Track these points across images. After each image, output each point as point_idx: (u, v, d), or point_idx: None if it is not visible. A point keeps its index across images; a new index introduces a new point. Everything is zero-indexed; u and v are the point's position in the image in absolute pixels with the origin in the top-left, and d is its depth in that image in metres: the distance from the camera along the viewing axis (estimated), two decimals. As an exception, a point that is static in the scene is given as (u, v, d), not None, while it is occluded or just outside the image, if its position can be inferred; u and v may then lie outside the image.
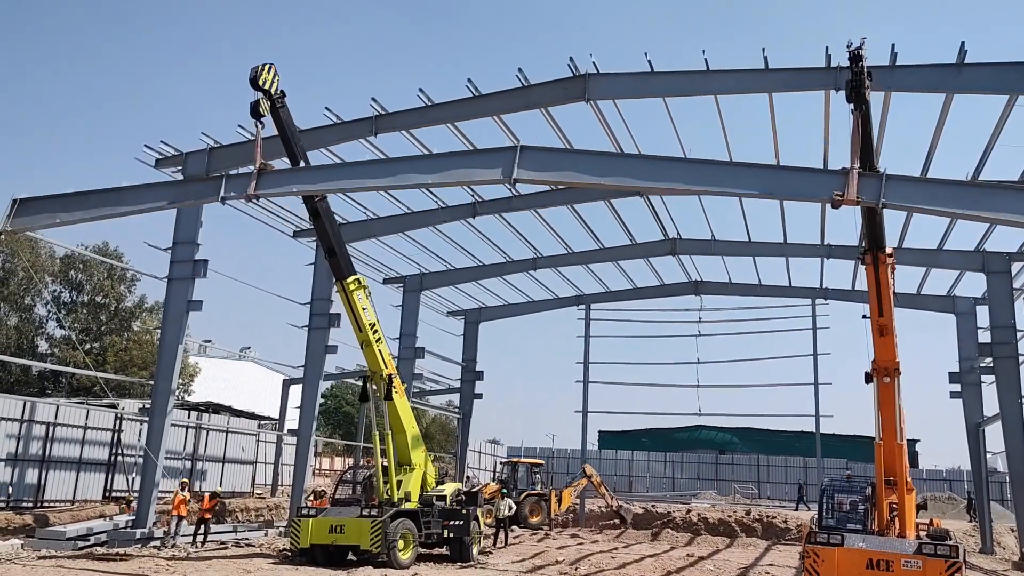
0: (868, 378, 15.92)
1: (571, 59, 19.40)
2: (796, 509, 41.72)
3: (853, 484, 17.66)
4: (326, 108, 21.43)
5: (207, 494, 22.86)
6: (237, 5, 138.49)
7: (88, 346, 41.48)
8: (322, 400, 40.78)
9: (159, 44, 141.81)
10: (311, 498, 24.17)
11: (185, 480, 23.56)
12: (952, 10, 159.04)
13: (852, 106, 12.17)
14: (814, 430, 36.94)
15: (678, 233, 31.86)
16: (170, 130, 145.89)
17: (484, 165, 14.83)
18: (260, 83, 16.58)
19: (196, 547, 21.11)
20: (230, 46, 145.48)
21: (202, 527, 22.12)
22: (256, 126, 16.66)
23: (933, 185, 12.68)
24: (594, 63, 19.55)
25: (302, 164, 17.77)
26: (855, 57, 11.98)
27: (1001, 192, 12.12)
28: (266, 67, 16.86)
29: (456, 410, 40.67)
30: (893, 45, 17.05)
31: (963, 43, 16.51)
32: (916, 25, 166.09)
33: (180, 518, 21.46)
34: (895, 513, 15.70)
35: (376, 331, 19.70)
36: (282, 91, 17.37)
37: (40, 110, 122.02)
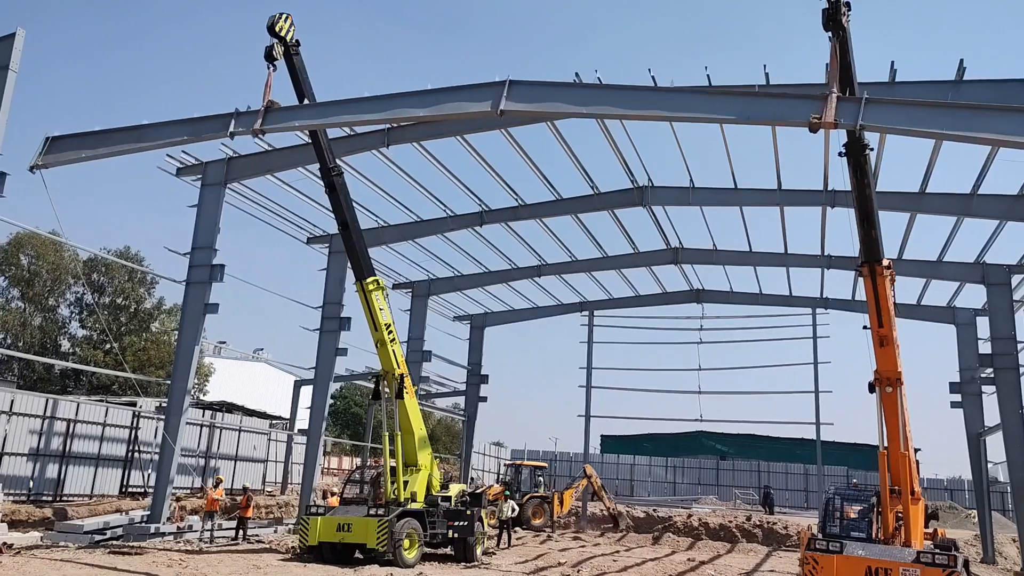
0: (871, 388, 16.08)
1: (576, 75, 19.82)
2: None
3: (859, 493, 17.87)
4: (340, 120, 21.98)
5: (242, 495, 23.40)
6: (253, 19, 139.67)
7: (108, 346, 42.30)
8: (332, 401, 41.33)
9: (177, 54, 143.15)
10: (331, 494, 24.48)
11: (221, 477, 24.21)
12: (951, 29, 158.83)
13: (830, 34, 12.07)
14: (815, 437, 37.32)
15: (680, 242, 32.30)
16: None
17: (474, 99, 14.86)
18: (276, 30, 17.42)
19: (240, 543, 21.68)
20: (246, 58, 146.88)
21: (234, 524, 22.77)
22: (268, 68, 17.16)
23: (913, 107, 12.30)
24: (598, 79, 20.01)
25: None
26: None
27: (982, 112, 11.84)
28: (283, 16, 17.65)
29: (461, 413, 41.14)
30: (892, 62, 17.32)
31: (962, 60, 16.64)
32: (915, 43, 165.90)
33: (213, 513, 22.09)
34: (901, 522, 15.74)
35: (391, 331, 20.22)
36: (297, 40, 18.07)
37: (55, 110, 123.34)
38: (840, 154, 13.74)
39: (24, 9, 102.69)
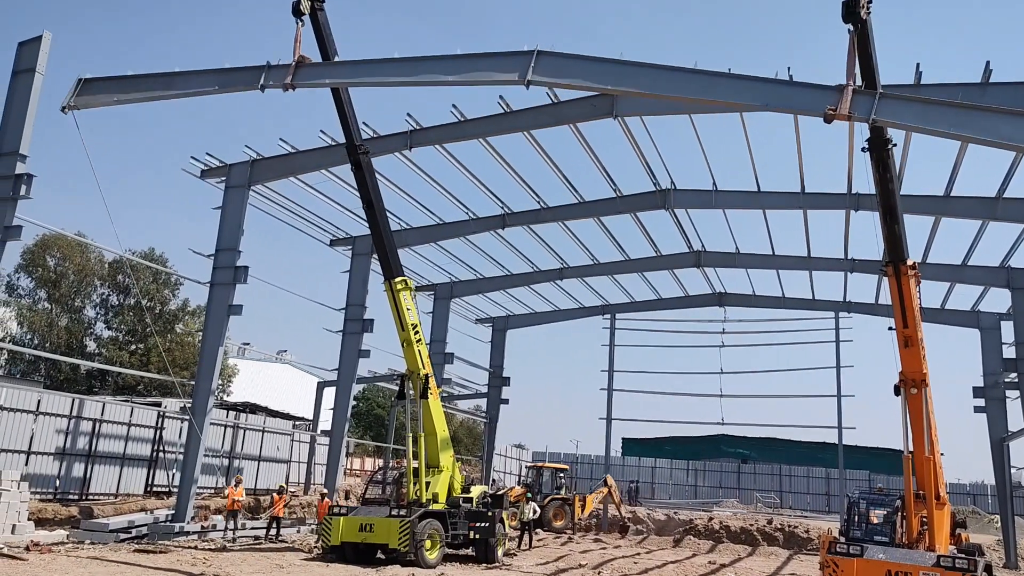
0: (897, 390, 16.04)
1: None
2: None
3: (883, 497, 17.78)
4: (364, 123, 22.24)
5: (276, 494, 23.61)
6: (277, 23, 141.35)
7: (133, 347, 42.79)
8: (354, 402, 41.46)
9: (203, 60, 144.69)
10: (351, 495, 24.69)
11: (240, 477, 24.43)
12: (978, 31, 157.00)
13: (849, 26, 11.97)
14: (837, 441, 37.10)
15: (702, 245, 32.24)
16: (215, 142, 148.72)
17: (502, 67, 14.96)
18: None
19: (271, 542, 21.90)
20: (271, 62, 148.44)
21: (274, 524, 23.04)
22: (297, 23, 17.29)
23: (927, 105, 12.15)
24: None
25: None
26: None
27: (998, 116, 11.75)
28: None
29: (483, 415, 41.31)
30: (918, 64, 17.25)
31: (988, 62, 16.56)
32: (942, 45, 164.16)
33: (236, 513, 22.35)
34: (926, 527, 15.71)
35: (417, 331, 20.36)
36: None
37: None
38: (863, 149, 13.73)
39: None
